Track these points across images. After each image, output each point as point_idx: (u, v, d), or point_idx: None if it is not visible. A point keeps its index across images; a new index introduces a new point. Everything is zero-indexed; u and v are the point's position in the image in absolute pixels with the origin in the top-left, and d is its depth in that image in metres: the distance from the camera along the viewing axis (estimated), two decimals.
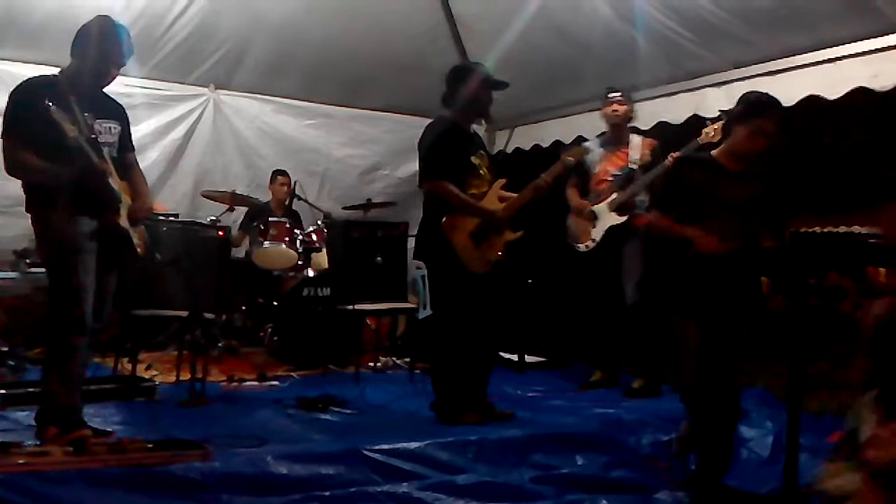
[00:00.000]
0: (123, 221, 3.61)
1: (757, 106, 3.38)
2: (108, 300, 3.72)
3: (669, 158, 4.92)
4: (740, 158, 3.38)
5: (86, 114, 3.53)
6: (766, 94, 3.57)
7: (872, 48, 4.47)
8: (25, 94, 3.44)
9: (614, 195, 5.19)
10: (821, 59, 4.72)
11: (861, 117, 4.94)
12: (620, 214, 5.16)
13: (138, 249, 3.71)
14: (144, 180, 3.94)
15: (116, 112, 3.78)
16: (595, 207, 5.26)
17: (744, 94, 3.50)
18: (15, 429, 3.68)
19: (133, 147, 3.93)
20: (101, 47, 3.56)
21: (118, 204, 3.58)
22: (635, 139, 5.31)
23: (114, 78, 3.69)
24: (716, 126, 4.48)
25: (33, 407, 3.83)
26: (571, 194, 5.40)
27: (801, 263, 3.15)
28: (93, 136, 3.52)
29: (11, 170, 3.49)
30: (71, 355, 3.50)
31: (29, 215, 3.58)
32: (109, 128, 3.68)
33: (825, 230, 3.24)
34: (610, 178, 5.25)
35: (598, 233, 5.25)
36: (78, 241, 3.47)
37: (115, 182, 3.57)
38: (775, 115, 3.35)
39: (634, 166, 5.18)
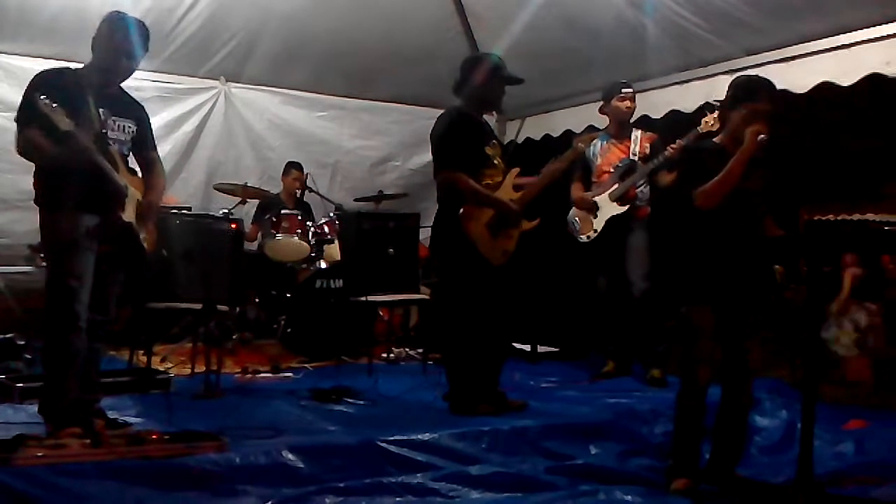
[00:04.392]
0: (129, 216, 3.61)
1: (747, 89, 3.35)
2: (113, 296, 3.73)
3: (670, 149, 4.95)
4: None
5: (100, 109, 3.55)
6: (756, 76, 3.56)
7: (886, 34, 4.43)
8: (35, 85, 3.44)
9: (615, 186, 5.22)
10: (834, 45, 4.69)
11: (875, 104, 4.90)
12: (621, 204, 5.21)
13: (145, 245, 3.73)
14: (162, 178, 3.93)
15: (134, 112, 3.80)
16: (596, 198, 5.30)
17: (733, 80, 3.47)
18: (32, 422, 3.69)
19: (154, 146, 3.95)
20: (109, 43, 3.59)
21: (122, 197, 3.57)
22: (636, 133, 5.35)
23: (128, 73, 3.70)
24: (714, 115, 4.47)
25: None
26: (575, 189, 5.42)
27: (816, 252, 3.13)
28: (103, 130, 3.54)
29: (23, 152, 3.51)
30: (67, 352, 3.50)
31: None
32: (123, 126, 3.69)
33: (839, 218, 3.21)
34: (611, 170, 5.29)
35: (599, 223, 5.28)
36: (76, 240, 3.48)
37: (122, 177, 3.58)
38: (766, 95, 3.32)
39: (635, 157, 5.23)
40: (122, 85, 3.81)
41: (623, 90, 5.29)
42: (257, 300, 6.44)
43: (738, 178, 3.18)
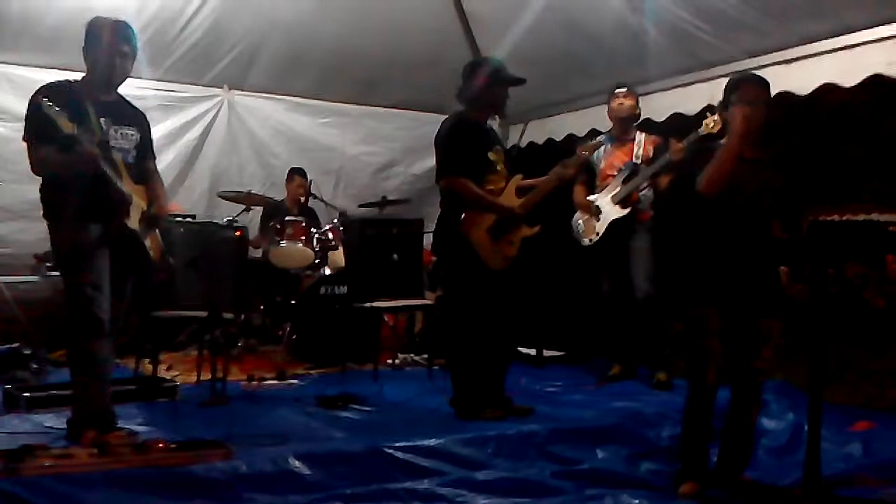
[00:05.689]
0: (133, 223, 3.64)
1: (736, 83, 3.42)
2: (124, 307, 3.77)
3: (673, 149, 4.94)
4: (750, 141, 3.35)
5: (102, 119, 3.58)
6: (746, 73, 3.63)
7: (888, 35, 4.42)
8: (38, 96, 3.46)
9: (618, 188, 5.23)
10: (836, 46, 4.67)
11: (877, 105, 4.89)
12: (623, 207, 5.21)
13: (151, 253, 3.75)
14: (162, 186, 3.97)
15: (136, 119, 3.82)
16: (599, 201, 5.31)
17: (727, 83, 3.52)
18: (39, 431, 3.70)
19: (154, 155, 3.97)
20: (99, 46, 3.60)
21: (127, 205, 3.60)
22: (639, 136, 5.35)
23: (124, 74, 3.70)
24: (715, 117, 4.49)
25: (56, 410, 3.90)
26: (578, 192, 5.42)
27: (820, 252, 3.13)
28: (105, 139, 3.56)
29: (35, 167, 3.54)
30: (93, 359, 3.55)
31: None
32: (126, 134, 3.72)
33: (843, 218, 3.21)
34: (615, 173, 5.28)
35: (602, 226, 5.29)
36: (87, 248, 3.52)
37: (126, 185, 3.60)
38: (756, 85, 3.37)
39: (638, 161, 5.23)
40: (125, 94, 3.83)
41: (616, 90, 5.35)
42: (262, 307, 6.44)
43: (735, 155, 3.21)
